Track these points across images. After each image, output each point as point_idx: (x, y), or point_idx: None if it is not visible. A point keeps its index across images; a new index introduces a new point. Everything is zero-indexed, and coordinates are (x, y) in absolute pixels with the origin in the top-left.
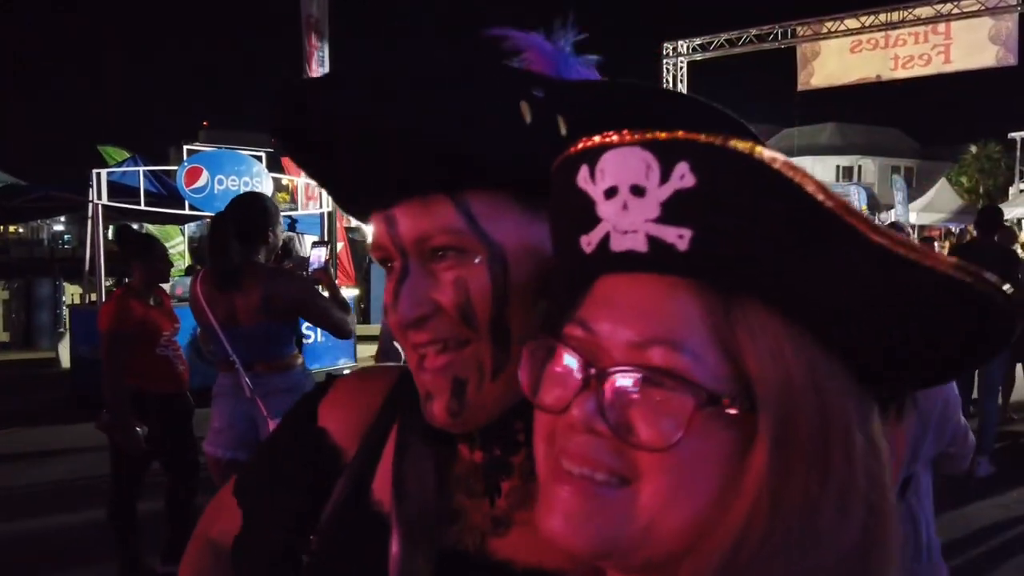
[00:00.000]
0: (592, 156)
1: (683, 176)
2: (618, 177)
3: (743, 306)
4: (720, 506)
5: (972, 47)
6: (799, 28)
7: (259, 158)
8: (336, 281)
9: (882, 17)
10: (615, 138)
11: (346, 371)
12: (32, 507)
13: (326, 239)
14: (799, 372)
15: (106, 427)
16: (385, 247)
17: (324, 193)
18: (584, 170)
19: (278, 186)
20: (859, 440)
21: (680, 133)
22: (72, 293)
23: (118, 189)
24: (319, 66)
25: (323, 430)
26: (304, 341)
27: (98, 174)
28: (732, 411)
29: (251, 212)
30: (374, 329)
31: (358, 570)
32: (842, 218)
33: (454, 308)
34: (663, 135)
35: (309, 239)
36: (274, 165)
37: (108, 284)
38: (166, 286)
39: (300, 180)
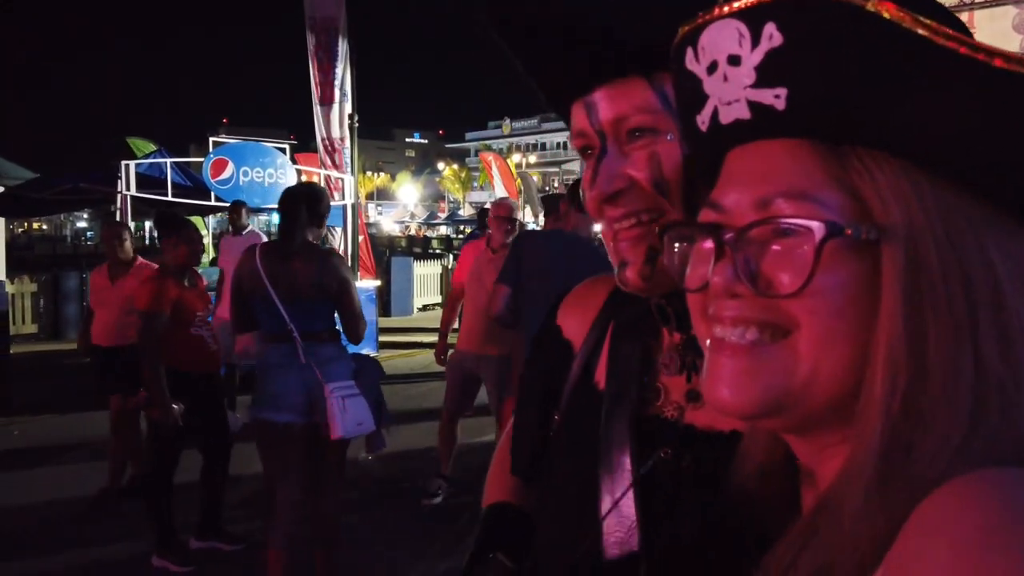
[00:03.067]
0: (693, 37)
1: (771, 36)
2: (716, 51)
3: (855, 152)
4: (867, 343)
5: (996, 36)
6: None
7: (283, 150)
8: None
9: None
10: (711, 14)
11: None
12: (64, 489)
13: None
14: (918, 201)
15: (144, 405)
16: (585, 132)
17: (347, 186)
18: (689, 52)
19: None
20: (1003, 263)
21: None
22: None
23: (144, 181)
24: (334, 63)
25: (559, 328)
26: None
27: (127, 165)
28: (857, 239)
29: (319, 200)
30: (394, 322)
31: (584, 438)
32: (934, 42)
33: (648, 182)
34: (750, 0)
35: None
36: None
37: None
38: None
39: (322, 173)
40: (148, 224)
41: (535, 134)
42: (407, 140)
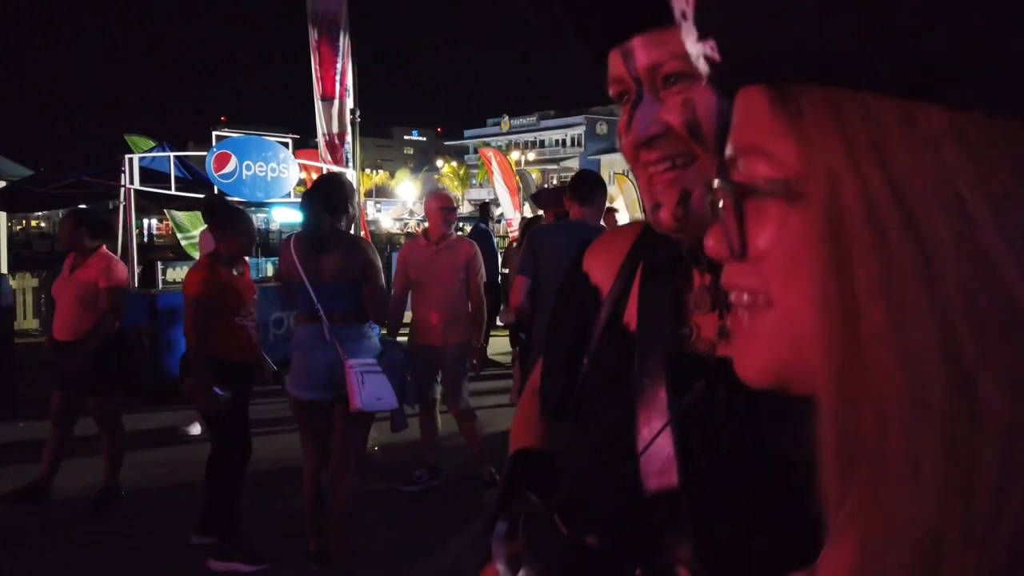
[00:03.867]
0: None
1: None
2: (677, 2)
3: (795, 91)
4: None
5: None
6: None
7: (285, 144)
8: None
9: None
10: None
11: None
12: (67, 484)
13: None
14: (843, 140)
15: (189, 390)
16: (622, 78)
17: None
18: None
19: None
20: (978, 194)
21: None
22: None
23: (145, 175)
24: (336, 58)
25: (586, 274)
26: None
27: (130, 159)
28: (784, 196)
29: (335, 188)
30: None
31: (616, 380)
32: None
33: (683, 126)
34: None
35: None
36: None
37: (138, 270)
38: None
39: (324, 168)
40: (147, 221)
41: (534, 131)
42: (405, 138)
